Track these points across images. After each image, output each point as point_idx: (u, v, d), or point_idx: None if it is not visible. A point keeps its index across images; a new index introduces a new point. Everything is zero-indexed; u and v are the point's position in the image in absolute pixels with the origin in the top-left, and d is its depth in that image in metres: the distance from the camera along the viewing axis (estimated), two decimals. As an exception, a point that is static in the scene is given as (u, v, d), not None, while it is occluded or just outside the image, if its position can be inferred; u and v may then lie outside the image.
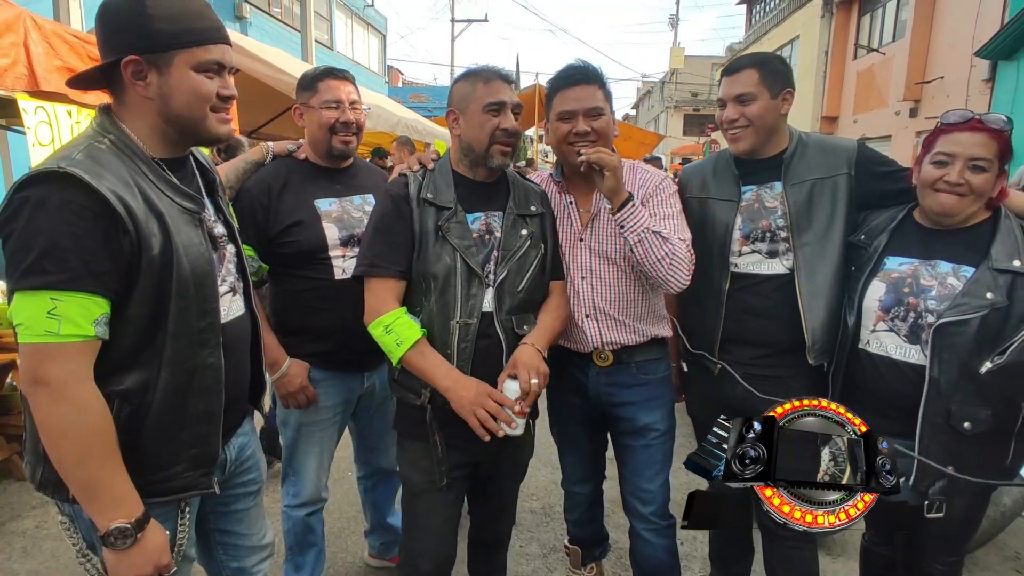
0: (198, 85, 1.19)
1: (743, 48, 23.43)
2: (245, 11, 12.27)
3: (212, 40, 1.20)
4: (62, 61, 3.03)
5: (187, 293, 1.18)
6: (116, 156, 1.14)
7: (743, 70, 1.81)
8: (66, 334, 1.05)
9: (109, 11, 1.18)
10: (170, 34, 1.15)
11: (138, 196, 1.12)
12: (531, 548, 2.79)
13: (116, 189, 1.08)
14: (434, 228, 1.63)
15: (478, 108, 1.64)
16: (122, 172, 1.13)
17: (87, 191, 1.05)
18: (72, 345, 1.06)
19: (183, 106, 1.19)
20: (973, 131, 1.52)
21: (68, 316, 1.04)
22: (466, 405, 1.51)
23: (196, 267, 1.20)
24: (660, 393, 1.94)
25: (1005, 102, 9.53)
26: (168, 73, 1.16)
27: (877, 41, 13.85)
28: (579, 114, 1.76)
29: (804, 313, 1.78)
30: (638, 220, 1.66)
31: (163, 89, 1.17)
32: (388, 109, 6.81)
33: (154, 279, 1.14)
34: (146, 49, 1.15)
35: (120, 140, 1.17)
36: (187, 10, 1.18)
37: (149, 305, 1.14)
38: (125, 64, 1.15)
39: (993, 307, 1.48)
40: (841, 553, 2.71)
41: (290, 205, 1.91)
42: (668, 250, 1.65)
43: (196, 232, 1.23)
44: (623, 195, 1.66)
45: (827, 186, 1.79)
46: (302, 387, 1.93)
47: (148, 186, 1.16)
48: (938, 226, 1.62)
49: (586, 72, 1.80)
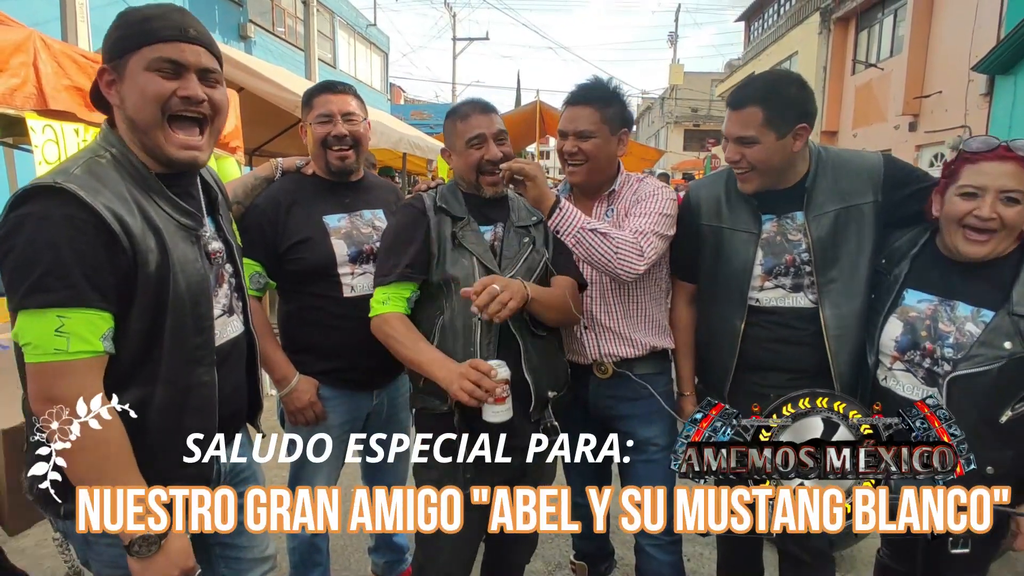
0: (145, 83, 1.13)
1: (742, 64, 23.65)
2: (250, 31, 12.43)
3: (165, 38, 1.13)
4: (71, 80, 3.07)
5: (183, 309, 1.17)
6: (116, 170, 1.14)
7: (746, 107, 1.64)
8: (75, 351, 1.04)
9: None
10: (127, 37, 1.14)
11: (135, 211, 1.11)
12: (536, 565, 2.76)
13: (112, 205, 1.07)
14: (450, 235, 1.70)
15: (462, 145, 1.73)
16: (120, 187, 1.12)
17: (82, 206, 1.03)
18: (82, 361, 1.05)
19: (134, 109, 1.15)
20: (1002, 160, 1.39)
21: (76, 332, 1.04)
22: (454, 378, 1.49)
23: (192, 284, 1.19)
24: (660, 407, 1.92)
25: (1003, 116, 9.59)
26: (125, 76, 1.15)
27: (875, 56, 13.99)
28: (569, 135, 1.82)
29: (831, 354, 1.69)
30: (571, 222, 1.68)
31: (122, 93, 1.15)
32: (390, 126, 6.88)
33: (151, 295, 1.13)
34: (110, 57, 1.15)
35: (121, 154, 1.16)
36: (148, 14, 1.16)
37: (146, 321, 1.13)
38: (100, 75, 1.17)
39: (1011, 357, 1.39)
40: (850, 569, 2.68)
41: (298, 221, 1.90)
42: (609, 244, 1.66)
43: (192, 249, 1.22)
44: (549, 201, 1.69)
45: (852, 216, 1.67)
46: (310, 403, 1.92)
47: (146, 201, 1.15)
48: (957, 258, 1.51)
49: (586, 93, 1.84)
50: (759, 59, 20.37)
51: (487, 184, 1.73)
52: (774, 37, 20.15)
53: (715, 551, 2.37)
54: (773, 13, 22.56)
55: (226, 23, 11.87)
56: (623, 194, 1.91)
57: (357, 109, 1.98)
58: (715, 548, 2.37)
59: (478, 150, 1.71)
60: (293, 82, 5.55)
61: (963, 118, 10.56)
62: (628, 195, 1.89)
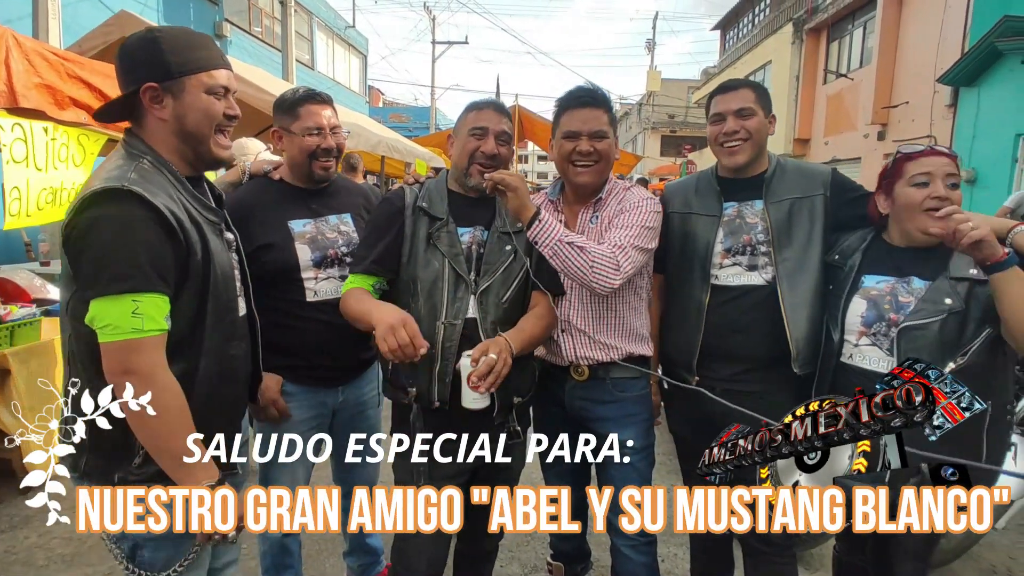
0: (208, 105, 1.35)
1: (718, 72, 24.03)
2: (225, 30, 12.28)
3: (218, 66, 1.37)
4: (41, 78, 3.01)
5: (219, 292, 1.37)
6: (158, 174, 1.30)
7: (740, 88, 1.90)
8: (149, 329, 1.21)
9: (127, 49, 1.35)
10: (182, 62, 1.32)
11: (181, 208, 1.29)
12: (512, 568, 2.77)
13: (168, 204, 1.25)
14: (425, 236, 1.74)
15: (465, 132, 1.79)
16: (167, 188, 1.29)
17: (148, 206, 1.21)
18: (153, 338, 1.22)
19: (195, 124, 1.35)
20: (936, 155, 1.63)
21: (148, 314, 1.21)
22: (382, 330, 1.51)
23: (224, 270, 1.39)
24: (636, 411, 1.95)
25: (967, 127, 9.91)
26: (182, 96, 1.33)
27: (846, 67, 14.34)
28: (583, 135, 1.83)
29: (788, 324, 1.83)
30: (548, 234, 1.69)
31: (178, 110, 1.33)
32: (369, 129, 6.86)
33: (198, 279, 1.31)
34: (162, 77, 1.31)
35: (156, 160, 1.32)
36: (193, 42, 1.36)
37: (194, 302, 1.32)
38: (144, 91, 1.31)
39: (951, 312, 1.57)
40: (820, 567, 2.74)
41: (263, 226, 1.91)
42: (585, 258, 1.67)
43: (220, 240, 1.42)
44: (528, 212, 1.69)
45: (805, 205, 1.88)
46: (273, 400, 1.90)
47: (186, 199, 1.33)
48: (908, 244, 1.70)
49: (594, 95, 1.87)
50: (734, 67, 20.72)
51: (476, 172, 1.77)
52: (749, 46, 20.53)
53: (688, 551, 2.42)
54: (748, 23, 23.00)
55: (201, 21, 11.70)
56: (609, 202, 1.92)
57: (338, 120, 2.04)
58: (688, 549, 2.42)
59: (478, 140, 1.77)
60: (271, 83, 5.50)
61: (929, 128, 10.87)
62: (614, 204, 1.90)
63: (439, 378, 1.68)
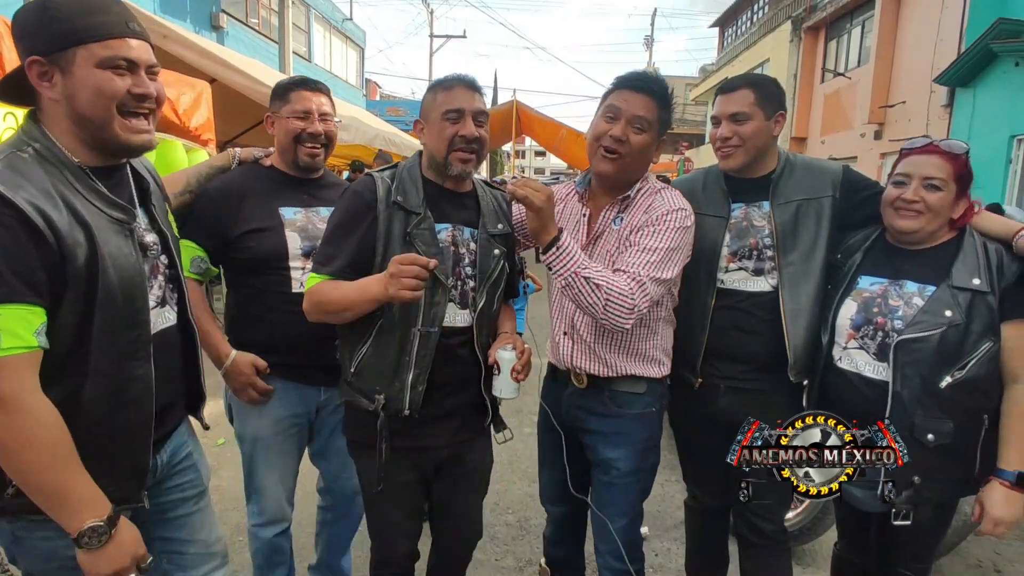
0: (102, 82, 1.13)
1: (716, 69, 24.03)
2: (222, 21, 12.18)
3: (116, 35, 1.14)
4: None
5: (114, 304, 1.16)
6: (40, 165, 1.12)
7: (739, 89, 1.82)
8: (9, 347, 1.03)
9: (17, 18, 1.16)
10: (68, 31, 1.11)
11: (61, 206, 1.10)
12: (506, 561, 2.78)
13: (35, 200, 1.06)
14: (402, 234, 1.57)
15: (438, 116, 1.60)
16: (44, 183, 1.10)
17: (3, 202, 1.02)
18: (17, 357, 1.04)
19: (87, 105, 1.14)
20: (928, 154, 1.62)
21: (10, 329, 1.03)
22: (390, 280, 1.41)
23: (125, 278, 1.18)
24: (631, 430, 1.81)
25: (962, 127, 9.93)
26: (71, 72, 1.12)
27: (843, 66, 14.35)
28: (622, 119, 1.68)
29: (787, 332, 1.79)
30: (565, 263, 1.57)
31: (68, 89, 1.13)
32: (366, 122, 6.82)
33: (80, 289, 1.11)
34: (47, 49, 1.11)
35: (45, 148, 1.14)
36: (88, 6, 1.13)
37: (76, 315, 1.12)
38: (29, 66, 1.13)
39: (951, 324, 1.54)
40: (811, 563, 2.76)
41: (254, 210, 1.87)
42: (599, 296, 1.55)
43: (126, 242, 1.20)
44: (549, 236, 1.57)
45: (812, 207, 1.83)
46: (250, 380, 1.86)
47: (73, 195, 1.13)
48: (905, 245, 1.68)
49: (647, 81, 1.71)
50: (732, 65, 20.71)
51: (457, 160, 1.60)
52: (747, 44, 20.53)
53: (683, 546, 2.42)
54: (746, 20, 23.00)
55: (198, 12, 11.61)
56: (637, 202, 1.76)
57: (331, 109, 1.98)
58: (683, 543, 2.42)
59: (454, 124, 1.58)
60: (267, 75, 5.46)
61: (925, 128, 10.89)
62: (642, 208, 1.74)
63: (412, 386, 1.58)
